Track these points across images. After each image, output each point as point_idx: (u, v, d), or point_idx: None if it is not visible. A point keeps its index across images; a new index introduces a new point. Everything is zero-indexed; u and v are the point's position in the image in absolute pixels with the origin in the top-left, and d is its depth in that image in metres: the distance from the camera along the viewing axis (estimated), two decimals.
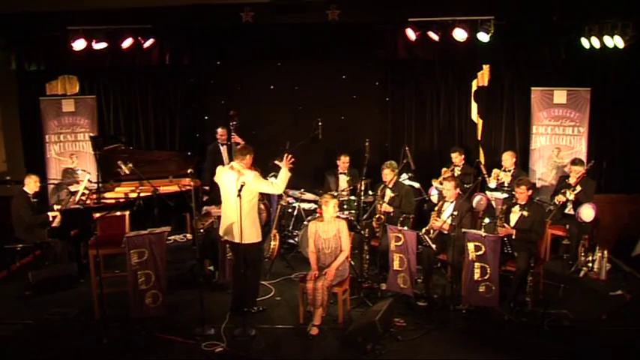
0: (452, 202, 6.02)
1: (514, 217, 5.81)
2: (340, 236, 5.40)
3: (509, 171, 7.22)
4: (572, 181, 6.74)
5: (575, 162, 6.88)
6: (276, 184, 5.39)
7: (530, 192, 5.85)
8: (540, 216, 5.83)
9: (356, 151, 7.64)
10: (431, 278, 5.98)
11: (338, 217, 5.60)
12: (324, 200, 5.47)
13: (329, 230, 5.44)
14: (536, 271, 5.68)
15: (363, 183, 6.55)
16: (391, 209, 6.46)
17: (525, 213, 5.73)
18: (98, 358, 4.95)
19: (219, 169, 5.59)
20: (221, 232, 5.53)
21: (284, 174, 5.38)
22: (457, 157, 7.52)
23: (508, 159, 7.30)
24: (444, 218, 5.92)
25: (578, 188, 6.61)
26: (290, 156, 5.46)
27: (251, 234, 5.34)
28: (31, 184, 6.75)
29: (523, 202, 5.82)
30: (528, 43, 7.81)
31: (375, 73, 8.55)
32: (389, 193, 6.49)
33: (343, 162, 7.52)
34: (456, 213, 5.74)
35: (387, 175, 6.52)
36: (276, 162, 5.56)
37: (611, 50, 7.02)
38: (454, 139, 8.41)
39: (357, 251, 6.35)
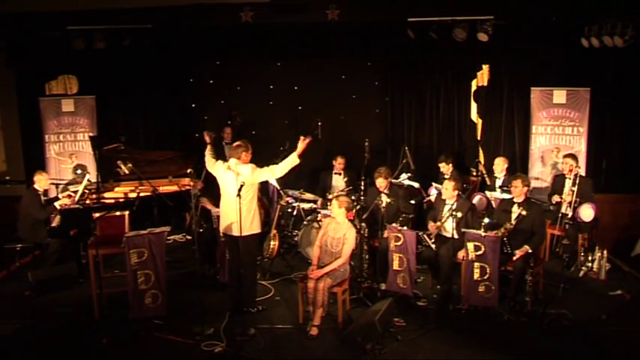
0: (452, 203, 5.96)
1: (512, 218, 5.73)
2: (344, 242, 5.40)
3: (500, 178, 7.19)
4: (566, 173, 6.73)
5: (567, 155, 6.87)
6: (277, 168, 5.40)
7: (526, 189, 5.76)
8: (539, 215, 5.80)
9: (355, 151, 7.64)
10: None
11: (351, 222, 5.61)
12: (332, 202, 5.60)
13: (338, 231, 5.45)
14: (535, 270, 5.67)
15: (362, 183, 6.52)
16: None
17: (524, 212, 5.64)
18: (98, 358, 4.95)
19: (219, 163, 5.60)
20: (221, 229, 5.54)
21: (292, 159, 5.38)
22: (445, 167, 7.29)
23: (500, 164, 7.26)
24: (447, 227, 5.88)
25: (575, 198, 6.52)
26: (308, 139, 5.39)
27: (251, 225, 5.35)
28: (42, 182, 6.75)
29: (520, 200, 5.75)
30: (528, 43, 7.82)
31: (375, 73, 8.56)
32: (385, 199, 6.24)
33: (339, 163, 7.58)
34: (460, 214, 5.70)
35: (381, 183, 6.36)
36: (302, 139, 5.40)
37: (610, 50, 7.02)
38: (454, 138, 8.42)
39: (357, 251, 6.33)
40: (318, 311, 5.25)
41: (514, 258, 5.46)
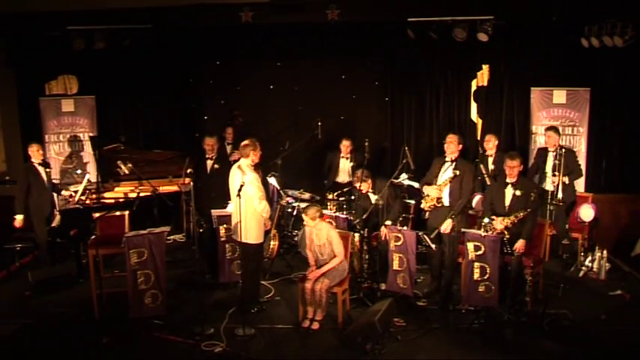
0: (452, 160, 5.75)
1: (507, 198, 5.53)
2: (331, 242, 5.37)
3: (491, 155, 7.03)
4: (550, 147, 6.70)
5: (550, 128, 6.83)
6: (262, 207, 5.36)
7: (521, 167, 5.55)
8: (534, 192, 5.54)
9: (355, 151, 7.64)
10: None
11: (330, 223, 5.61)
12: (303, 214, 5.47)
13: (321, 237, 5.42)
14: (535, 270, 5.67)
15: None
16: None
17: (518, 192, 5.46)
18: (98, 358, 4.95)
19: (232, 169, 5.59)
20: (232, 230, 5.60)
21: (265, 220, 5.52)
22: (490, 142, 7.08)
23: (491, 140, 7.04)
24: (440, 182, 5.73)
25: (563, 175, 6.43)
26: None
27: (251, 234, 5.34)
28: (34, 153, 6.65)
29: (514, 180, 5.51)
30: (528, 43, 7.82)
31: (375, 73, 8.55)
32: (373, 198, 6.13)
33: (345, 146, 7.48)
34: (458, 172, 5.57)
35: (361, 187, 6.17)
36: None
37: (610, 50, 7.02)
38: None
39: (357, 250, 6.32)
40: (318, 310, 5.27)
41: (514, 256, 5.39)
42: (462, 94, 8.36)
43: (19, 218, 6.55)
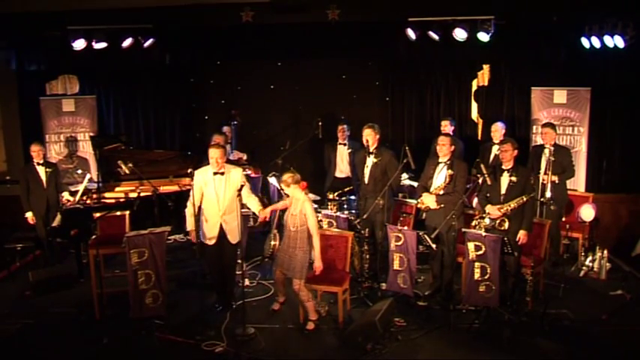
0: (446, 162, 5.78)
1: (503, 185, 5.52)
2: (305, 217, 5.15)
3: (497, 144, 6.94)
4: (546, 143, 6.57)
5: (547, 125, 6.70)
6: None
7: (515, 152, 5.53)
8: (532, 177, 5.59)
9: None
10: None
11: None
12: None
13: (296, 207, 5.24)
14: (536, 270, 5.67)
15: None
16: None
17: (514, 178, 5.46)
18: (98, 358, 4.95)
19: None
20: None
21: (255, 207, 5.55)
22: (447, 127, 7.21)
23: (498, 130, 6.99)
24: (437, 184, 5.74)
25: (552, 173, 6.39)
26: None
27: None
28: (34, 153, 6.78)
29: (509, 166, 5.51)
30: (528, 43, 7.82)
31: (375, 73, 8.56)
32: (372, 159, 6.18)
33: (341, 131, 7.43)
34: (452, 172, 5.58)
35: (369, 135, 6.14)
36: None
37: (611, 50, 7.03)
38: None
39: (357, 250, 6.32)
40: (309, 308, 5.27)
41: (514, 256, 5.40)
42: (463, 94, 8.37)
43: (29, 215, 6.73)
